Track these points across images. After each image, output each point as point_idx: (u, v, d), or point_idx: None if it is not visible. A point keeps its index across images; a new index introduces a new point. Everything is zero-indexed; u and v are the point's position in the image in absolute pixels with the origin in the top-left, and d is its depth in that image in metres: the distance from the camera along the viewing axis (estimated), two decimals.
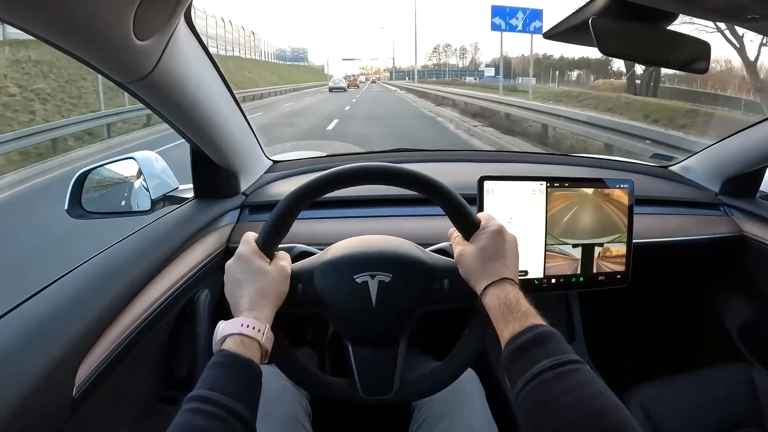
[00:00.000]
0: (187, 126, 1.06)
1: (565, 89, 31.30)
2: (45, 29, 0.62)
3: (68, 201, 1.23)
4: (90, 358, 0.78)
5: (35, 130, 10.33)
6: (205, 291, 1.12)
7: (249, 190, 1.40)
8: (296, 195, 0.81)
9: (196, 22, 0.93)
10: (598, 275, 1.18)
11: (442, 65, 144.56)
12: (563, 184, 1.13)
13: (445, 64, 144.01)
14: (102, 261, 0.95)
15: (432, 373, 0.86)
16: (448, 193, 0.82)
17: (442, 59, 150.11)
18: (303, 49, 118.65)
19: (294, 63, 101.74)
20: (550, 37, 1.00)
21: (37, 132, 10.24)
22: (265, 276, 0.77)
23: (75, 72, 15.55)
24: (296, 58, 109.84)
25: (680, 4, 0.78)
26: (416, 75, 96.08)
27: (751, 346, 1.58)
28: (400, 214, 1.34)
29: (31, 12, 0.57)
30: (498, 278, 0.76)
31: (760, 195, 1.60)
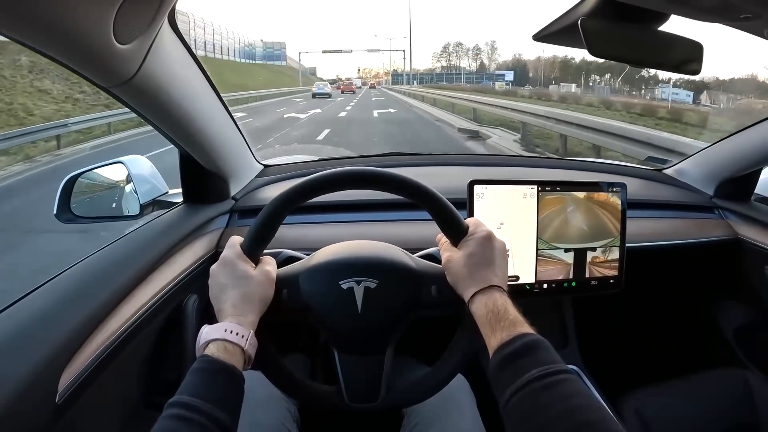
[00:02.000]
0: (174, 130, 1.05)
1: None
2: (23, 34, 0.61)
3: (57, 205, 1.22)
4: (74, 363, 0.77)
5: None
6: (193, 297, 1.11)
7: (239, 195, 1.39)
8: (282, 199, 0.80)
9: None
10: (591, 280, 1.17)
11: (452, 67, 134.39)
12: (555, 188, 1.12)
13: (456, 67, 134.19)
14: (88, 265, 0.94)
15: (420, 379, 0.85)
16: (436, 199, 0.81)
17: (453, 61, 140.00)
18: (279, 45, 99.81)
19: (267, 62, 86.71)
20: (539, 39, 0.99)
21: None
22: (249, 281, 0.76)
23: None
24: (270, 56, 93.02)
25: (671, 4, 0.77)
26: (409, 79, 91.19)
27: (747, 350, 1.58)
28: (388, 218, 1.33)
29: (10, 17, 0.56)
30: (486, 285, 0.75)
31: (755, 198, 1.60)
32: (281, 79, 59.34)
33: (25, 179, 8.53)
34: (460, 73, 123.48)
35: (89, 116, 13.46)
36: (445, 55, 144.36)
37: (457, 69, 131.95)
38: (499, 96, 29.38)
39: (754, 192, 1.59)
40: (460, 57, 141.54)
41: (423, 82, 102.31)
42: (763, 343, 1.52)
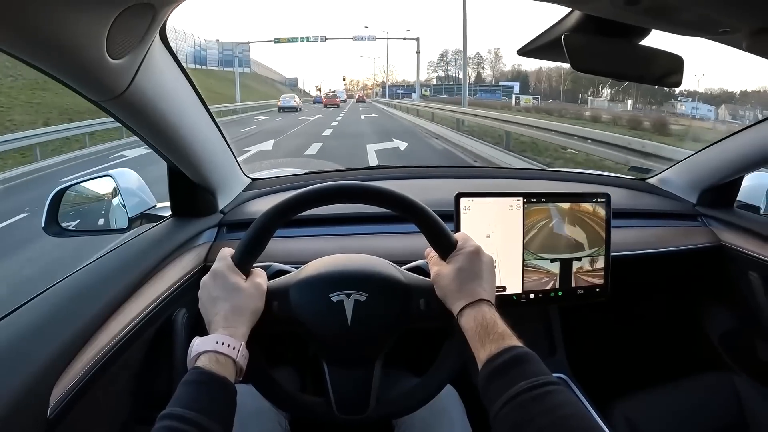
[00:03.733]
0: (163, 144, 1.05)
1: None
2: (18, 48, 0.61)
3: (45, 218, 1.21)
4: (65, 378, 0.76)
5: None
6: (183, 310, 1.11)
7: (227, 208, 1.39)
8: (272, 213, 0.81)
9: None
10: (577, 289, 1.18)
11: (450, 78, 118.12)
12: (540, 199, 1.14)
13: (455, 78, 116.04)
14: (78, 280, 0.94)
15: (409, 391, 0.86)
16: (425, 213, 0.82)
17: (452, 71, 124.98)
18: (241, 47, 72.04)
19: (226, 69, 64.52)
20: (524, 53, 1.01)
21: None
22: (240, 293, 0.77)
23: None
24: (228, 61, 69.32)
25: (652, 20, 0.79)
26: (382, 91, 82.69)
27: (733, 354, 1.60)
28: (377, 231, 1.34)
29: (4, 31, 0.57)
30: (474, 299, 0.76)
31: (738, 204, 1.63)
32: (239, 91, 42.21)
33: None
34: (461, 84, 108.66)
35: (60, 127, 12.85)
36: (442, 65, 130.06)
37: (456, 80, 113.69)
38: (535, 115, 25.92)
39: (737, 199, 1.62)
40: (459, 66, 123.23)
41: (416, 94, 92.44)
42: (749, 346, 1.54)
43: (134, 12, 0.66)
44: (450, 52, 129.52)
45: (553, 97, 77.84)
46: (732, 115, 36.60)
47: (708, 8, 0.68)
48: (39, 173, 9.80)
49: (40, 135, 11.48)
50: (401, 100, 55.32)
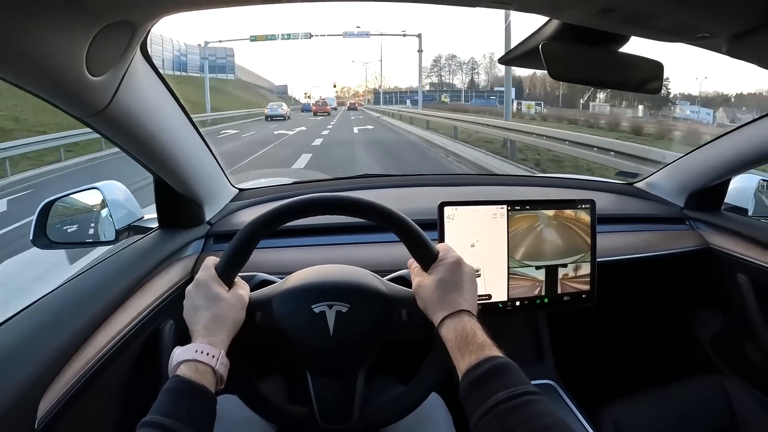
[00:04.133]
0: (148, 157, 1.06)
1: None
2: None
3: (33, 231, 1.21)
4: (52, 390, 0.77)
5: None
6: (170, 322, 1.11)
7: (214, 220, 1.39)
8: (255, 224, 0.82)
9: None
10: (563, 296, 1.18)
11: (444, 84, 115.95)
12: (524, 206, 1.14)
13: (449, 84, 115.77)
14: (64, 293, 0.94)
15: (394, 399, 0.87)
16: (406, 224, 0.83)
17: (445, 77, 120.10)
18: (225, 51, 69.97)
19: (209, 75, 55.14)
20: (505, 62, 1.02)
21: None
22: (221, 303, 0.78)
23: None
24: (211, 67, 59.01)
25: (630, 27, 0.79)
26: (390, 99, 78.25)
27: (724, 356, 1.60)
28: (360, 241, 1.34)
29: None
30: (455, 310, 0.76)
31: (725, 207, 1.64)
32: (216, 99, 40.15)
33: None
34: (458, 90, 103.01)
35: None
36: (435, 71, 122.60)
37: (449, 86, 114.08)
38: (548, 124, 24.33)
39: (724, 202, 1.63)
40: (453, 72, 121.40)
41: (412, 102, 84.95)
42: (738, 349, 1.55)
43: (113, 29, 0.67)
44: (443, 57, 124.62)
45: (548, 102, 76.12)
46: (730, 119, 36.37)
47: (685, 15, 0.69)
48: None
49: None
50: (396, 106, 53.82)
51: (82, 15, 0.61)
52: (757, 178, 1.61)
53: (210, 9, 0.69)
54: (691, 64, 12.77)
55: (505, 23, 14.96)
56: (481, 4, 0.68)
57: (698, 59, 56.34)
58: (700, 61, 24.27)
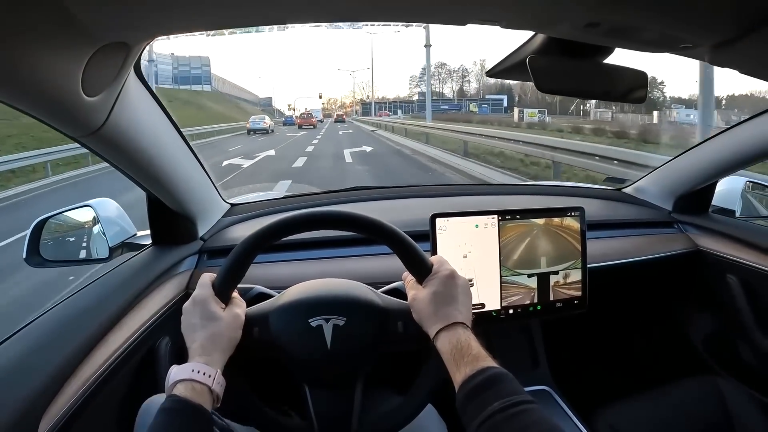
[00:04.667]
0: (142, 175, 1.06)
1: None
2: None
3: (26, 249, 1.21)
4: (51, 410, 0.77)
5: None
6: (166, 338, 1.12)
7: (207, 235, 1.39)
8: (251, 241, 0.83)
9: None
10: (556, 303, 1.20)
11: (434, 93, 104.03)
12: (515, 216, 1.16)
13: (440, 93, 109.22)
14: (60, 312, 0.94)
15: (391, 411, 0.87)
16: (400, 238, 0.84)
17: (436, 85, 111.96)
18: (199, 60, 66.36)
19: (182, 87, 57.89)
20: (492, 75, 1.03)
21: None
22: (218, 321, 0.78)
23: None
24: (184, 78, 62.42)
25: (615, 40, 0.81)
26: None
27: (717, 357, 1.62)
28: (354, 254, 1.35)
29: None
30: (450, 322, 0.77)
31: (713, 209, 1.66)
32: (183, 113, 34.32)
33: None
34: (449, 99, 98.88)
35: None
36: (425, 79, 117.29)
37: (440, 95, 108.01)
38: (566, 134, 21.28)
39: (712, 204, 1.65)
40: (443, 80, 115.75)
41: (404, 111, 79.27)
42: (730, 349, 1.56)
43: (109, 50, 0.67)
44: (432, 65, 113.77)
45: (544, 109, 75.45)
46: (725, 121, 36.33)
47: (667, 27, 0.70)
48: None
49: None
50: (391, 117, 50.04)
51: (79, 37, 0.61)
52: (743, 180, 1.63)
53: (204, 32, 0.70)
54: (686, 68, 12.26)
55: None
56: (470, 22, 0.70)
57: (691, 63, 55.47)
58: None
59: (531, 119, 44.54)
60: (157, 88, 45.52)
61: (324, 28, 50.96)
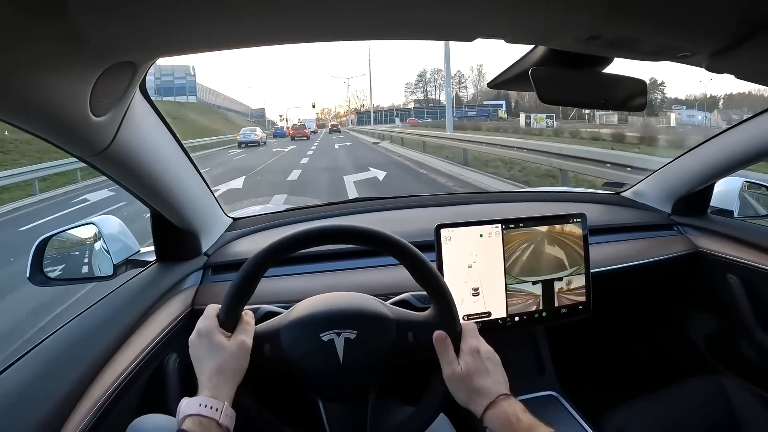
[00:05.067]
0: (148, 192, 1.07)
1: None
2: (2, 111, 0.63)
3: (29, 268, 1.20)
4: (66, 430, 0.77)
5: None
6: (173, 355, 1.11)
7: (211, 251, 1.40)
8: (255, 262, 0.83)
9: None
10: (561, 308, 1.21)
11: (430, 100, 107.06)
12: (518, 224, 1.17)
13: (435, 100, 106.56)
14: (68, 333, 0.94)
15: (404, 423, 0.87)
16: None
17: (432, 92, 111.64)
18: (183, 70, 63.68)
19: (165, 98, 53.77)
20: (494, 86, 1.04)
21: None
22: (222, 353, 0.78)
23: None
24: (167, 89, 59.51)
25: (615, 51, 0.82)
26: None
27: (720, 356, 1.63)
28: (359, 266, 1.35)
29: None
30: (492, 398, 0.77)
31: (711, 211, 1.67)
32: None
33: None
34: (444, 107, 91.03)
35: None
36: (420, 86, 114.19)
37: (436, 102, 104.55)
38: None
39: (710, 205, 1.67)
40: (440, 87, 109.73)
41: (402, 120, 73.52)
42: (734, 347, 1.57)
43: (115, 70, 0.68)
44: (428, 71, 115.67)
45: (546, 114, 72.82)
46: (726, 120, 35.69)
47: (666, 38, 0.72)
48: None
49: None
50: (383, 126, 46.02)
51: (88, 57, 0.62)
52: (740, 181, 1.65)
53: (209, 51, 0.70)
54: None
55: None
56: (477, 38, 0.70)
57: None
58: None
59: (539, 125, 41.33)
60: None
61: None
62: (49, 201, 10.91)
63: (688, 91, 77.28)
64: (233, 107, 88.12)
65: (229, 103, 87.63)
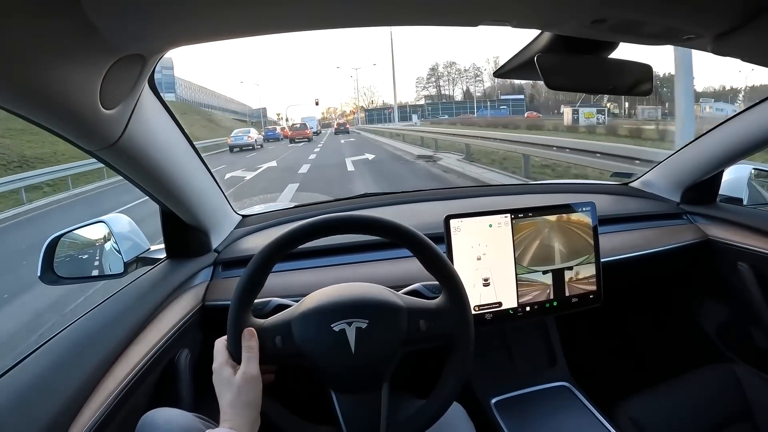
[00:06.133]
0: (157, 188, 1.07)
1: None
2: (13, 103, 0.63)
3: (40, 267, 1.21)
4: (76, 426, 0.78)
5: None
6: (185, 351, 1.12)
7: (220, 247, 1.40)
8: (265, 253, 0.83)
9: None
10: (571, 298, 1.21)
11: (443, 96, 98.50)
12: (527, 214, 1.17)
13: (447, 95, 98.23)
14: (80, 328, 0.95)
15: (418, 412, 0.87)
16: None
17: (444, 87, 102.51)
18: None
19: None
20: (500, 75, 1.04)
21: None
22: (232, 388, 0.79)
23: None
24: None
25: (620, 35, 0.82)
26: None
27: (731, 344, 1.62)
28: (370, 259, 1.35)
29: (1, 88, 0.58)
30: None
31: (720, 199, 1.67)
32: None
33: None
34: (463, 103, 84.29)
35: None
36: (433, 81, 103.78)
37: (449, 98, 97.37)
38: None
39: (719, 193, 1.66)
40: (454, 81, 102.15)
41: (418, 116, 67.15)
42: (745, 336, 1.57)
43: (125, 63, 0.68)
44: (441, 65, 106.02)
45: (551, 111, 64.30)
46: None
47: (670, 21, 0.71)
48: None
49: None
50: (401, 124, 40.54)
51: (99, 49, 0.62)
52: (749, 168, 1.64)
53: (217, 41, 0.71)
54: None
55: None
56: (481, 24, 0.71)
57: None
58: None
59: (588, 121, 34.79)
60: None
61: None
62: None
63: (706, 84, 75.34)
64: (229, 107, 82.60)
65: (225, 102, 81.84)
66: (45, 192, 12.17)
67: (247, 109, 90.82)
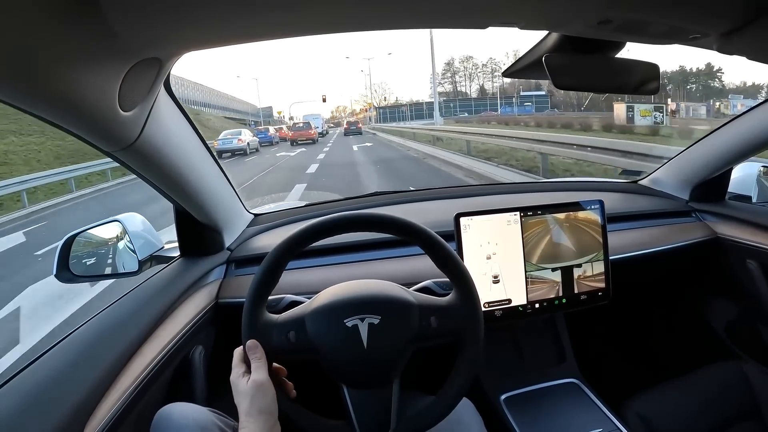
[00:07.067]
0: (172, 188, 1.09)
1: None
2: (34, 106, 0.65)
3: (56, 265, 1.23)
4: (94, 420, 0.79)
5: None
6: (199, 348, 1.14)
7: (233, 245, 1.42)
8: (279, 252, 0.85)
9: None
10: (580, 295, 1.22)
11: (459, 93, 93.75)
12: (536, 212, 1.18)
13: (464, 92, 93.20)
14: (95, 325, 0.97)
15: (428, 407, 0.88)
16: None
17: (461, 83, 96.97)
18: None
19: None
20: (508, 75, 1.05)
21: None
22: (245, 397, 0.81)
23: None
24: None
25: (626, 35, 0.82)
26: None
27: (740, 342, 1.62)
28: (381, 257, 1.37)
29: (22, 91, 0.60)
30: None
31: (729, 196, 1.67)
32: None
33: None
34: (482, 100, 78.75)
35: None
36: (448, 76, 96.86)
37: (464, 94, 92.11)
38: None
39: (728, 191, 1.66)
40: (471, 77, 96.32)
41: (415, 117, 61.89)
42: (754, 333, 1.57)
43: (143, 66, 0.70)
44: (457, 60, 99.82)
45: (574, 109, 60.30)
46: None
47: (676, 20, 0.72)
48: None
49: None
50: (418, 122, 36.61)
51: (117, 53, 0.64)
52: (757, 165, 1.64)
53: (232, 45, 0.72)
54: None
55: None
56: (490, 26, 0.72)
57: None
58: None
59: (644, 120, 29.29)
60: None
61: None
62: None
63: (729, 80, 73.53)
64: (231, 106, 77.16)
65: (226, 101, 76.05)
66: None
67: (251, 108, 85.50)
